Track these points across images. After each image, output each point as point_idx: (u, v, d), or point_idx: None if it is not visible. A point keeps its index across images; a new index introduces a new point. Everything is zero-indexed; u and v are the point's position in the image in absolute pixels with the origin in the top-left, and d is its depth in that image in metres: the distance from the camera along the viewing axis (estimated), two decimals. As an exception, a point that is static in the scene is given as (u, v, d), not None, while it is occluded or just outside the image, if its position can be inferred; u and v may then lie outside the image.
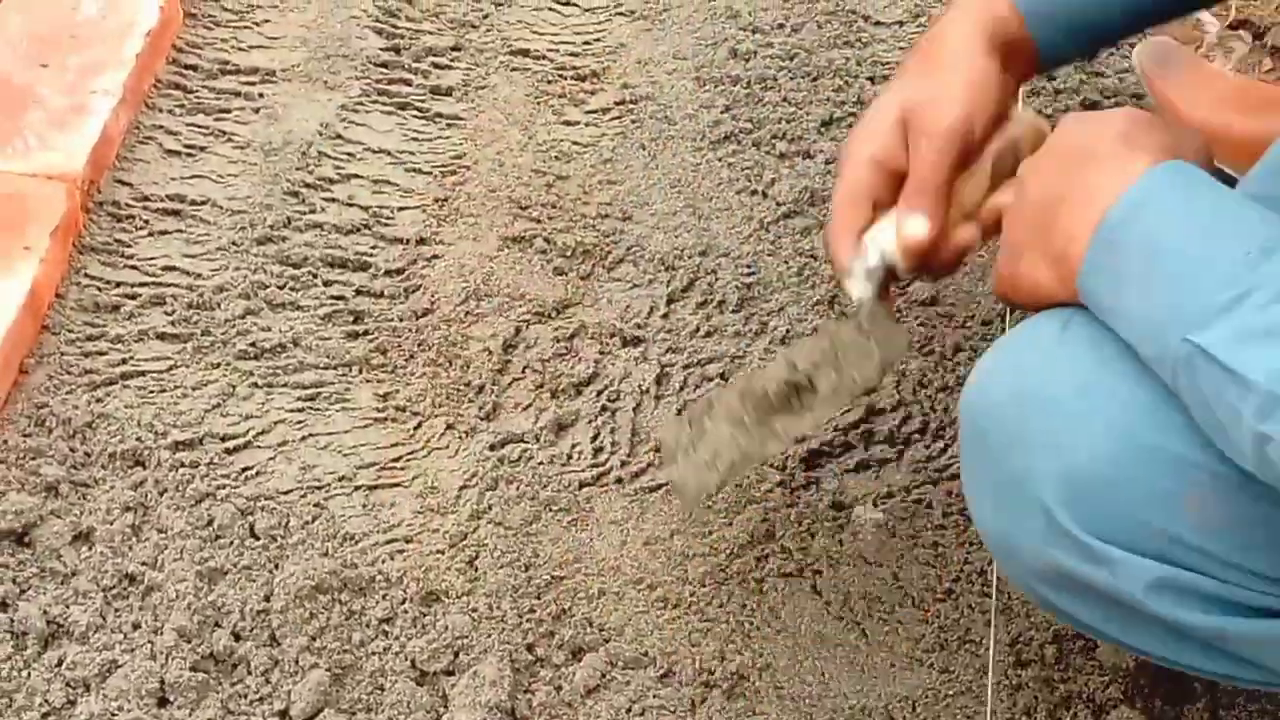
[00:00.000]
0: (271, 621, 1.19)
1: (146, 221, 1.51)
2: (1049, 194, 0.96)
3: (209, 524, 1.25)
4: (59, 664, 1.15)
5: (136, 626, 1.18)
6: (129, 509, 1.26)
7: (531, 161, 1.61)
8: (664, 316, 1.46)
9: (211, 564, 1.22)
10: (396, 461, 1.33)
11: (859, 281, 1.12)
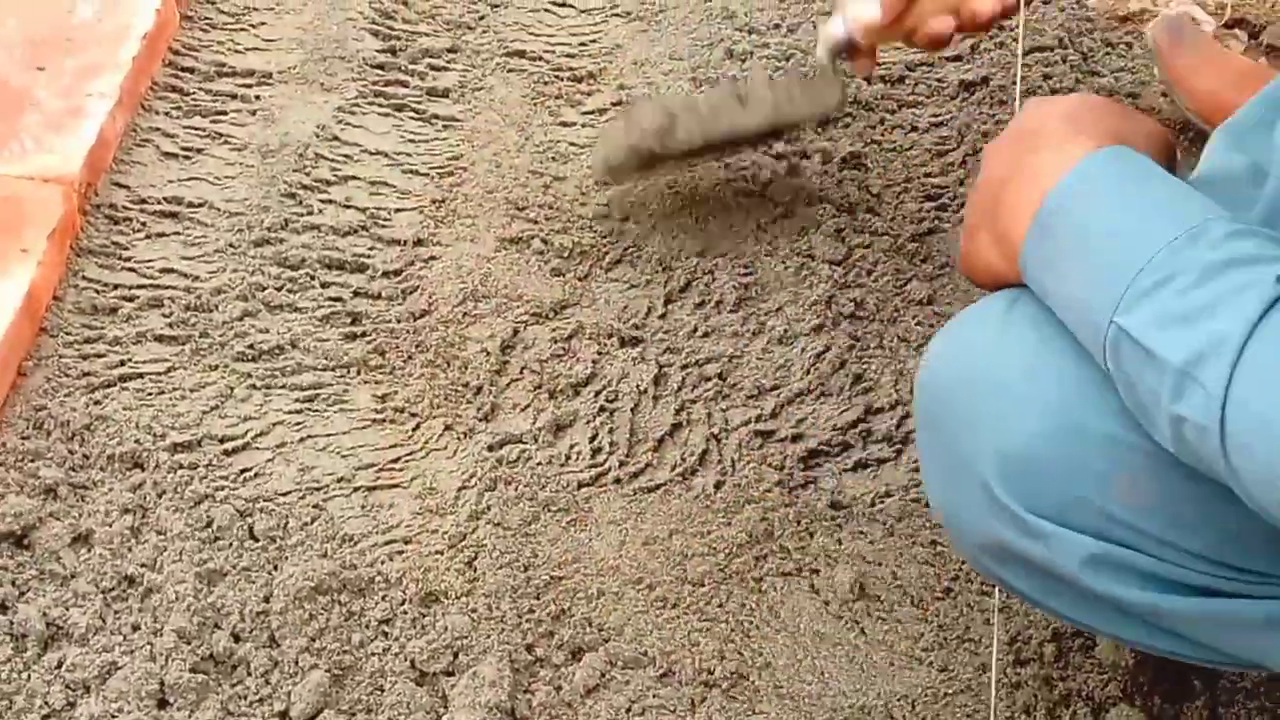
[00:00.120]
0: (271, 623, 1.19)
1: (144, 224, 1.51)
2: (997, 174, 0.97)
3: (208, 526, 1.25)
4: (59, 666, 1.15)
5: (136, 628, 1.18)
6: (128, 511, 1.25)
7: (528, 162, 1.61)
8: (661, 317, 1.46)
9: (211, 565, 1.22)
10: (395, 463, 1.33)
11: (820, 43, 1.39)
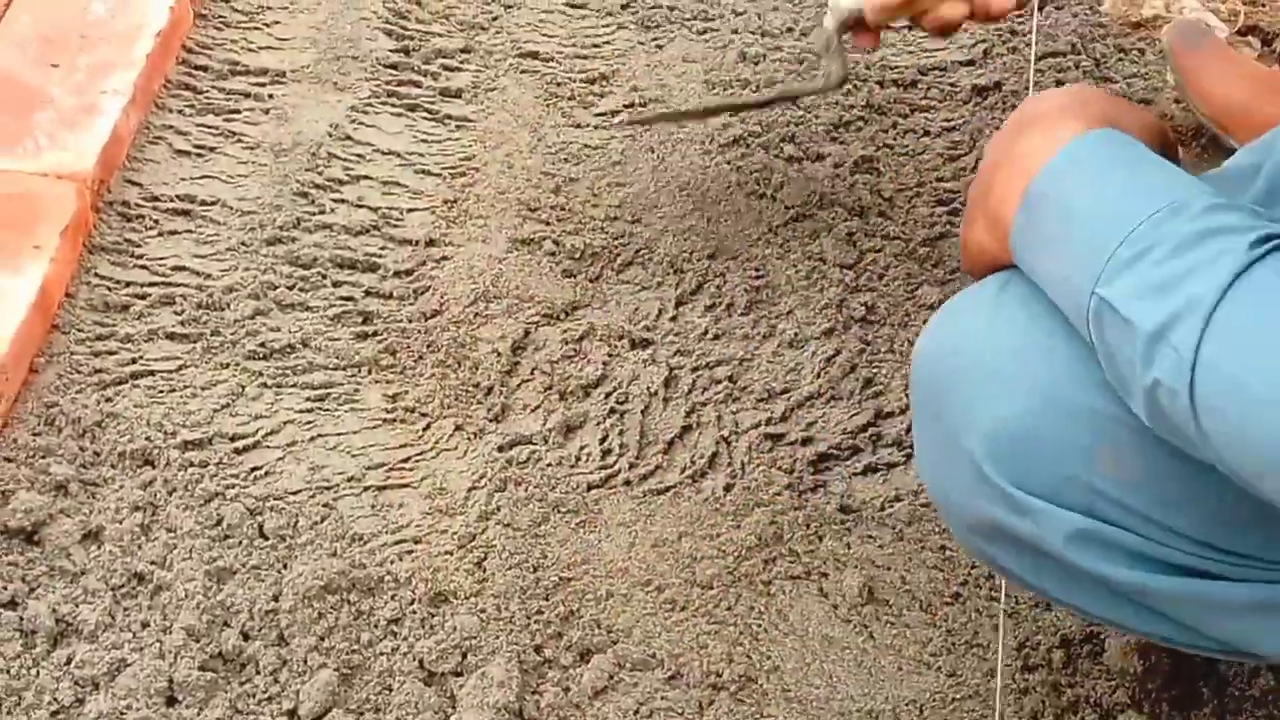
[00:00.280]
0: (280, 621, 1.19)
1: (156, 221, 1.51)
2: (991, 160, 0.99)
3: (218, 524, 1.26)
4: (68, 662, 1.15)
5: (145, 625, 1.18)
6: (138, 508, 1.26)
7: (541, 164, 1.61)
8: (672, 319, 1.46)
9: (220, 563, 1.22)
10: (405, 462, 1.34)
11: (831, 14, 1.38)
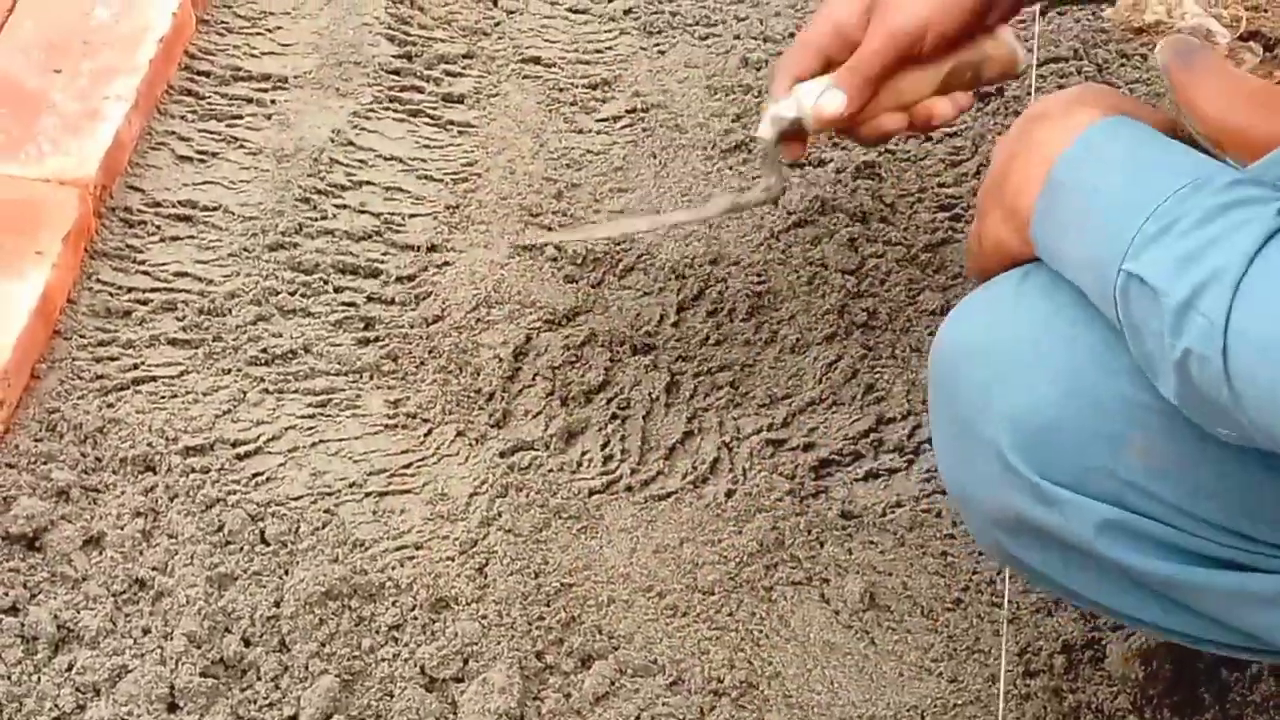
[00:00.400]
0: (281, 627, 1.19)
1: (158, 227, 1.51)
2: (1004, 155, 0.99)
3: (219, 529, 1.26)
4: (69, 669, 1.15)
5: (147, 631, 1.18)
6: (140, 514, 1.26)
7: (543, 169, 1.61)
8: (674, 325, 1.46)
9: (222, 569, 1.22)
10: (407, 468, 1.34)
11: (765, 122, 1.23)
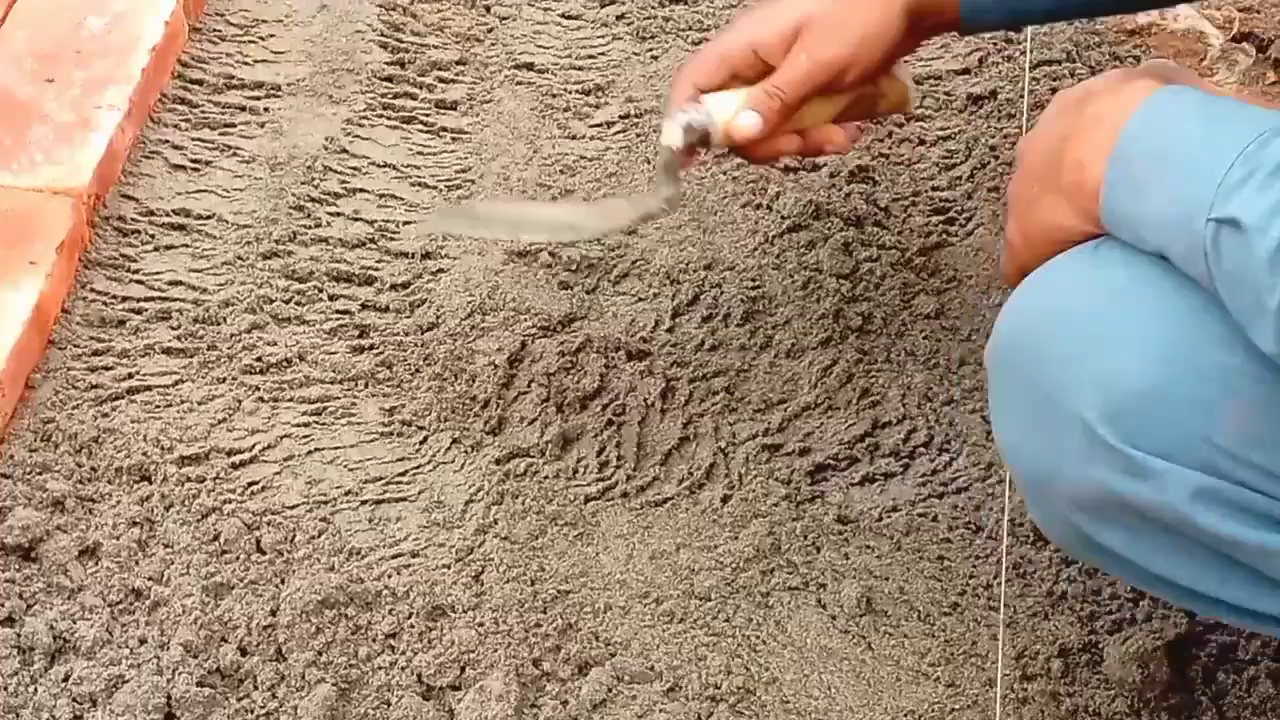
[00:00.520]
0: (278, 636, 1.19)
1: (152, 236, 1.51)
2: (1053, 138, 0.98)
3: (215, 539, 1.25)
4: (65, 679, 1.15)
5: (143, 642, 1.18)
6: (135, 524, 1.26)
7: (536, 175, 1.61)
8: (669, 330, 1.46)
9: (218, 579, 1.22)
10: (402, 476, 1.34)
11: (675, 130, 1.21)
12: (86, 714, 1.13)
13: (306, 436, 1.36)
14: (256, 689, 1.16)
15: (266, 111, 1.66)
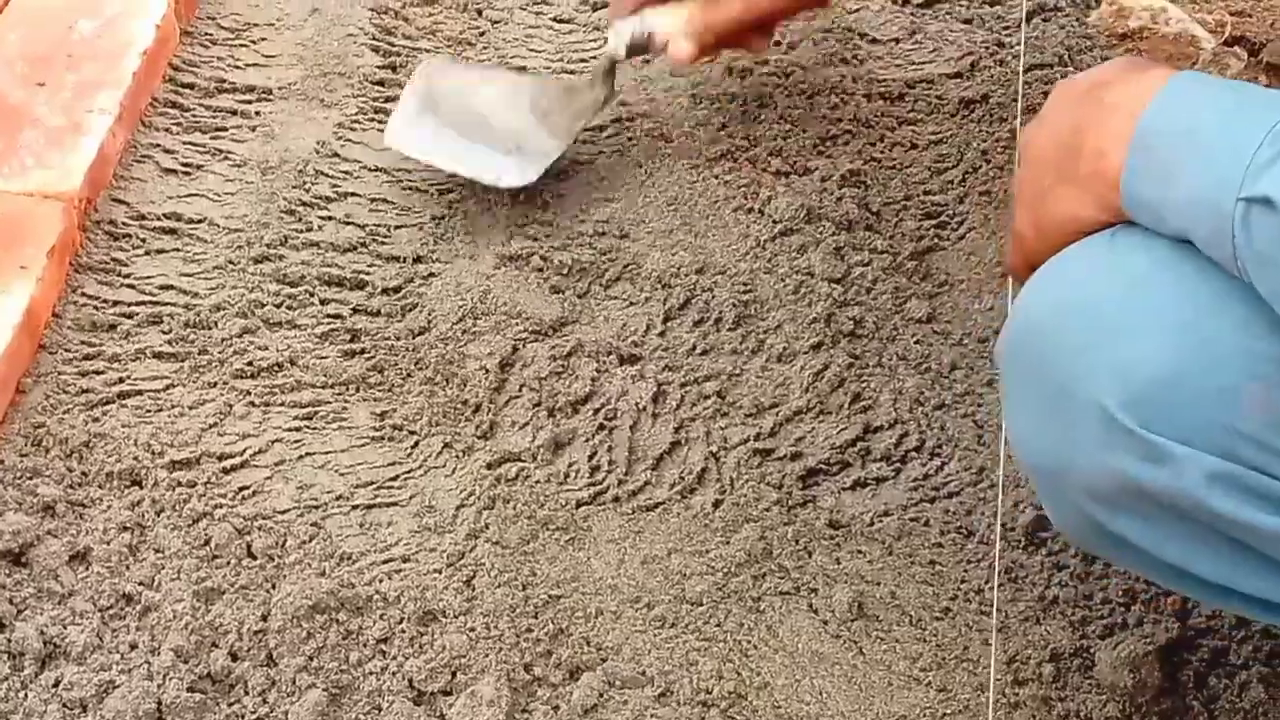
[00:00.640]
0: (269, 641, 1.18)
1: (143, 240, 1.51)
2: (1063, 129, 0.97)
3: (206, 543, 1.25)
4: (56, 684, 1.15)
5: (134, 647, 1.18)
6: (126, 529, 1.25)
7: (528, 179, 1.61)
8: (661, 334, 1.46)
9: (209, 584, 1.22)
10: (394, 480, 1.33)
11: (620, 42, 1.54)
12: (77, 719, 1.13)
13: (297, 441, 1.35)
14: (247, 694, 1.16)
15: (258, 115, 1.66)
